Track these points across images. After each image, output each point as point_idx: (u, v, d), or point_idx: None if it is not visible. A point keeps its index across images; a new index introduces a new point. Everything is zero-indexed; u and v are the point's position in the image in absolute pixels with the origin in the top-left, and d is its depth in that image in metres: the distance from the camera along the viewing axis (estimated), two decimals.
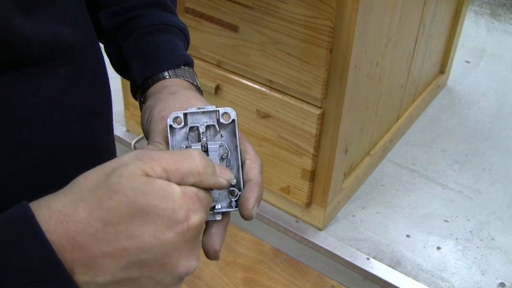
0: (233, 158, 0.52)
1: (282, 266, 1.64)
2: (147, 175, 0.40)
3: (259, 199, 0.51)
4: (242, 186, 0.51)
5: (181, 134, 0.52)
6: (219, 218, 0.50)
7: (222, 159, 0.51)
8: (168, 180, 0.41)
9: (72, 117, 0.52)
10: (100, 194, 0.38)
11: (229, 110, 0.52)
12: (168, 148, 0.51)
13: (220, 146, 0.51)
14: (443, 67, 2.23)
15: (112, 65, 0.66)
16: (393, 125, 1.94)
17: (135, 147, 1.92)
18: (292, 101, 1.45)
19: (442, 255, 1.60)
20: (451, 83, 2.33)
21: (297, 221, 1.67)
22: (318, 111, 1.42)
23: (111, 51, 0.64)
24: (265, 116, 1.51)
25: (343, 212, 1.73)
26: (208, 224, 0.50)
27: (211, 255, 0.48)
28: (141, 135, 1.93)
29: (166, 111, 0.54)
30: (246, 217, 0.50)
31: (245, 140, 0.53)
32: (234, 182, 0.51)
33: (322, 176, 1.55)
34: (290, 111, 1.47)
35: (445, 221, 1.71)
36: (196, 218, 0.41)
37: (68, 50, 0.52)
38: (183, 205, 0.40)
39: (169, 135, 0.51)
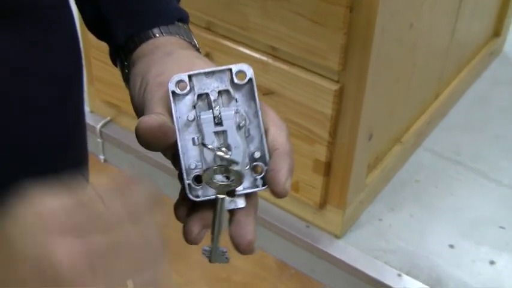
0: (253, 127, 0.54)
1: (290, 284, 1.63)
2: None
3: (292, 170, 0.52)
4: (268, 159, 0.53)
5: (186, 102, 0.54)
6: (242, 205, 0.52)
7: (239, 127, 0.53)
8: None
9: (37, 85, 0.53)
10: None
11: (245, 67, 0.53)
12: (172, 120, 0.52)
13: (236, 113, 0.53)
14: (497, 29, 2.22)
15: (86, 23, 0.67)
16: (431, 104, 1.93)
17: (101, 133, 1.92)
18: (302, 74, 1.46)
19: (497, 272, 1.59)
20: (508, 49, 2.31)
21: (307, 226, 1.67)
22: (334, 87, 1.44)
23: (85, 5, 0.65)
24: (268, 93, 1.51)
25: (366, 215, 1.73)
26: (232, 212, 0.52)
27: (244, 248, 0.50)
28: (109, 118, 1.94)
29: (165, 76, 0.55)
30: (279, 194, 0.51)
31: (265, 104, 0.55)
32: (257, 155, 0.53)
33: (340, 169, 1.55)
34: (299, 86, 1.47)
35: (500, 227, 1.71)
36: None
37: (34, 5, 0.53)
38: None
39: (172, 103, 0.53)
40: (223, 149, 0.52)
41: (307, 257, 1.67)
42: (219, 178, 0.52)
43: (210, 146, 0.52)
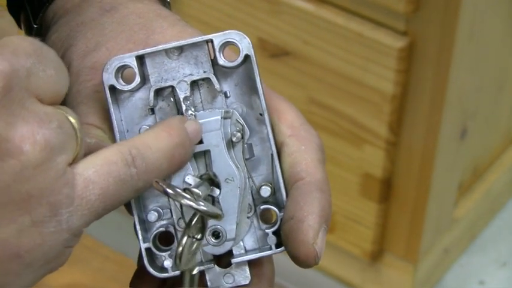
0: (257, 141, 0.47)
1: None
2: None
3: (327, 217, 0.45)
4: (284, 198, 0.46)
5: (136, 103, 0.47)
6: (245, 280, 0.46)
7: (232, 144, 0.45)
8: None
9: None
10: None
11: (236, 36, 0.45)
12: (112, 134, 0.46)
13: (224, 118, 0.45)
14: None
15: None
16: None
17: None
18: (340, 20, 1.37)
19: None
20: None
21: None
22: (399, 43, 1.32)
23: None
24: (278, 54, 1.45)
25: (457, 274, 1.62)
26: None
27: None
28: None
29: (101, 53, 0.48)
30: (303, 260, 0.43)
31: (277, 96, 0.47)
32: (266, 192, 0.47)
33: (409, 191, 1.45)
34: (335, 42, 1.38)
35: None
36: None
37: None
38: None
39: (110, 107, 0.45)
40: (196, 190, 0.42)
41: None
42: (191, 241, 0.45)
43: (168, 189, 0.41)
